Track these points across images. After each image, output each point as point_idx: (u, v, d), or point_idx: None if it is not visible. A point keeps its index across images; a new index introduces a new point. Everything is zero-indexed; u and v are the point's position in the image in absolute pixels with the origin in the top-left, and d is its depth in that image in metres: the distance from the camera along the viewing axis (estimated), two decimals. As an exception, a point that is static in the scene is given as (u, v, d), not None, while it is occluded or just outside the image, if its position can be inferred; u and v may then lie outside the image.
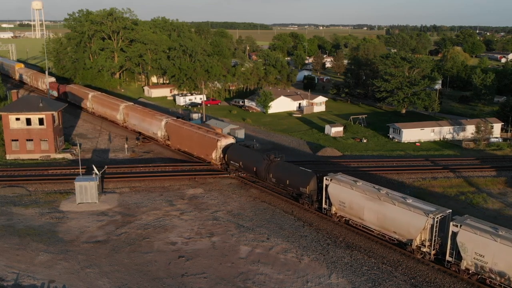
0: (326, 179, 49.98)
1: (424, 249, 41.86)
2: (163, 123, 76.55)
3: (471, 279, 39.02)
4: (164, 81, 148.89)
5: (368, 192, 46.01)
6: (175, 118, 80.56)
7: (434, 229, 40.73)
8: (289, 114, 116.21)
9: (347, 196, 47.61)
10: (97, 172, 56.52)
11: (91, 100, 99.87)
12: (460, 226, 38.76)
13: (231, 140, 66.28)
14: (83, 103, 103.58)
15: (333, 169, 65.23)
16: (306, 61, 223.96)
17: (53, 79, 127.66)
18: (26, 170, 65.29)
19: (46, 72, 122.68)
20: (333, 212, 49.71)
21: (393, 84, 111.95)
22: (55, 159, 71.70)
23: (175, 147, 74.77)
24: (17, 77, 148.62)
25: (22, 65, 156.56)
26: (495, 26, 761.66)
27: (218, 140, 65.17)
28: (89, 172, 60.09)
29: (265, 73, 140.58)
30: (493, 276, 37.20)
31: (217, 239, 46.35)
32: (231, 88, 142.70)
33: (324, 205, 50.91)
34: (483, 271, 37.72)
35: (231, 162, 62.65)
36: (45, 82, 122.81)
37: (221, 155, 64.68)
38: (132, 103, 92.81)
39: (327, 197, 50.15)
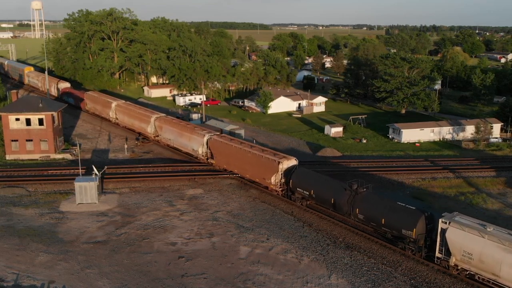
0: (442, 221, 40.19)
1: None
2: (205, 139, 67.66)
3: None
4: (164, 81, 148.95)
5: (508, 243, 36.65)
6: (219, 134, 71.75)
7: None
8: (289, 114, 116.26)
9: (475, 245, 38.00)
10: (97, 173, 56.56)
11: (115, 110, 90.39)
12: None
13: (293, 162, 56.72)
14: (104, 113, 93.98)
15: (334, 169, 65.51)
16: (306, 61, 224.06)
17: (67, 85, 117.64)
18: (26, 170, 65.28)
19: (46, 73, 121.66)
20: (452, 264, 39.82)
21: (393, 84, 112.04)
22: (55, 160, 71.70)
23: (220, 166, 65.57)
24: (26, 81, 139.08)
25: (32, 68, 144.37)
26: (494, 26, 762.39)
27: (279, 162, 55.83)
28: (89, 172, 60.11)
29: (265, 73, 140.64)
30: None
31: (217, 240, 46.37)
32: (230, 88, 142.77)
33: (438, 254, 40.95)
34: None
35: (298, 189, 53.48)
36: (59, 87, 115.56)
37: (283, 180, 55.66)
38: (165, 115, 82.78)
39: (444, 244, 40.18)
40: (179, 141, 73.10)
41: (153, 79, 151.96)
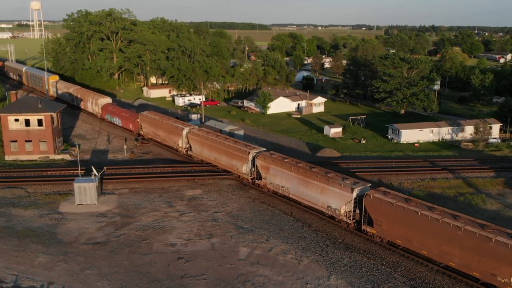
0: None
1: None
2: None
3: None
4: (163, 82, 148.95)
5: None
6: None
7: None
8: (288, 114, 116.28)
9: None
10: (96, 173, 56.54)
11: (187, 138, 72.12)
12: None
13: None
14: (171, 141, 75.54)
15: (333, 170, 65.38)
16: (305, 62, 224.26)
17: (108, 100, 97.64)
18: (25, 171, 65.25)
19: (45, 73, 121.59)
20: None
21: (392, 84, 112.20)
22: (54, 160, 71.66)
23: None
24: (51, 92, 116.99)
25: (57, 77, 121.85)
26: (493, 26, 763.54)
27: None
28: (88, 173, 60.08)
29: (264, 74, 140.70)
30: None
31: (216, 241, 46.37)
32: (230, 88, 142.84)
33: None
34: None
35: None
36: (99, 103, 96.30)
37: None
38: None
39: None
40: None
41: (152, 80, 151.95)
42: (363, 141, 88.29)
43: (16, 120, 70.42)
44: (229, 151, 62.54)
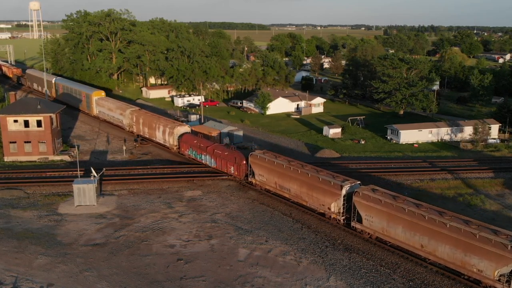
0: None
1: None
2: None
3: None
4: (162, 82, 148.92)
5: None
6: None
7: None
8: (287, 115, 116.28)
9: None
10: (95, 174, 56.54)
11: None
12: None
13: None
14: (317, 203, 52.46)
15: (332, 170, 65.43)
16: (304, 62, 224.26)
17: (186, 129, 74.75)
18: (24, 172, 65.22)
19: (45, 73, 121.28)
20: None
21: (391, 85, 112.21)
22: (53, 161, 71.61)
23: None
24: (95, 111, 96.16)
25: (103, 93, 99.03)
26: (492, 26, 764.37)
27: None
28: (87, 174, 60.05)
29: (263, 74, 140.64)
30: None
31: (215, 242, 46.37)
32: (229, 89, 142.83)
33: None
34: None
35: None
36: (175, 133, 73.12)
37: None
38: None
39: None
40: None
41: (152, 80, 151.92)
42: (362, 142, 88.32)
43: (15, 121, 70.38)
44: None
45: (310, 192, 52.40)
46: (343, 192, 48.46)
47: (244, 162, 61.22)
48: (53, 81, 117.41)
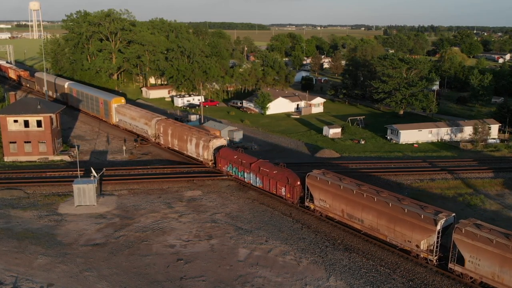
0: None
1: None
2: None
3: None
4: (162, 82, 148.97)
5: None
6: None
7: None
8: (287, 115, 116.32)
9: None
10: (95, 175, 56.55)
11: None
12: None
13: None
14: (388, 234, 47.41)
15: (332, 171, 65.44)
16: (304, 62, 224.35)
17: (221, 141, 68.44)
18: (24, 172, 65.21)
19: (44, 74, 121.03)
20: None
21: (391, 85, 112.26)
22: (53, 161, 71.63)
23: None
24: (114, 120, 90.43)
25: (123, 100, 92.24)
26: (492, 26, 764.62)
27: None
28: (87, 174, 60.06)
29: (263, 74, 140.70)
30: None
31: (215, 242, 46.40)
32: (229, 89, 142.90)
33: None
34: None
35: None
36: (210, 146, 66.19)
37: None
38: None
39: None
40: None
41: (152, 80, 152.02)
42: (362, 142, 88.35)
43: (15, 121, 70.40)
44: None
45: (391, 226, 44.38)
46: (438, 227, 40.79)
47: (299, 183, 53.93)
48: (66, 86, 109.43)
